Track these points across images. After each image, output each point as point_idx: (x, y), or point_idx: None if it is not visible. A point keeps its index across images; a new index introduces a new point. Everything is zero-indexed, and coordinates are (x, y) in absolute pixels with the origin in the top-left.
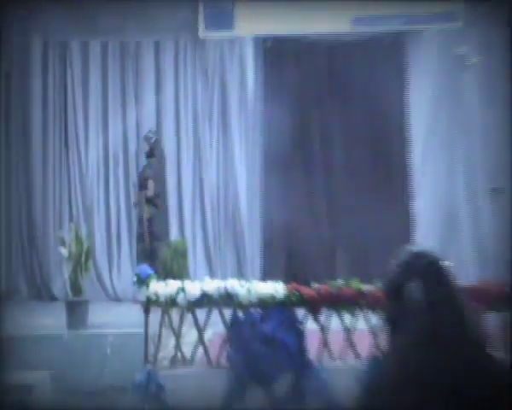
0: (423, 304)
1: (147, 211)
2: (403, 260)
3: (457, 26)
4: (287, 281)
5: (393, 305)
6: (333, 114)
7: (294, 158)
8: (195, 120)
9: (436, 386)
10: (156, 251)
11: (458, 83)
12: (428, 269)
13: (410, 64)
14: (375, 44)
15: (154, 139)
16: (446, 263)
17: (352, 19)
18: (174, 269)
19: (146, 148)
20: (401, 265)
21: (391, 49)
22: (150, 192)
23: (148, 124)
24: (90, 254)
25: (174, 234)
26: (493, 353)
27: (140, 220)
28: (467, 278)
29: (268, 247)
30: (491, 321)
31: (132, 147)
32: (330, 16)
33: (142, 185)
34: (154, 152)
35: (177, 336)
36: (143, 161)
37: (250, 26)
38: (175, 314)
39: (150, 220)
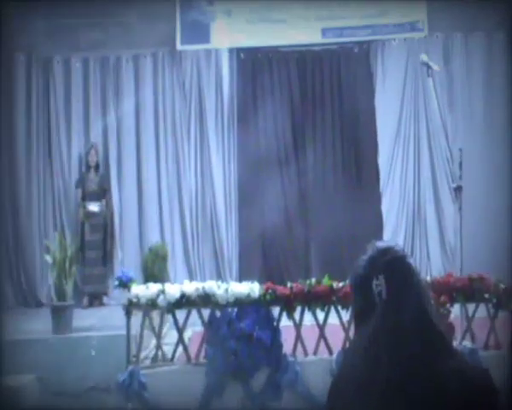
0: (386, 298)
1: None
2: (368, 256)
3: (421, 36)
4: (263, 281)
5: (359, 299)
6: (305, 120)
7: (269, 163)
8: (174, 130)
9: (396, 379)
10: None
11: (422, 89)
12: (392, 264)
13: (377, 71)
14: (344, 54)
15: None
16: (410, 258)
17: (321, 30)
18: (155, 272)
19: (93, 160)
20: (367, 260)
21: (359, 57)
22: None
23: (129, 134)
24: (73, 260)
25: (154, 238)
26: (456, 345)
27: (104, 227)
28: (432, 271)
29: (245, 249)
30: (456, 313)
31: (113, 156)
32: (301, 28)
33: (100, 195)
34: (99, 165)
35: (158, 336)
36: (92, 173)
37: (225, 39)
38: (156, 316)
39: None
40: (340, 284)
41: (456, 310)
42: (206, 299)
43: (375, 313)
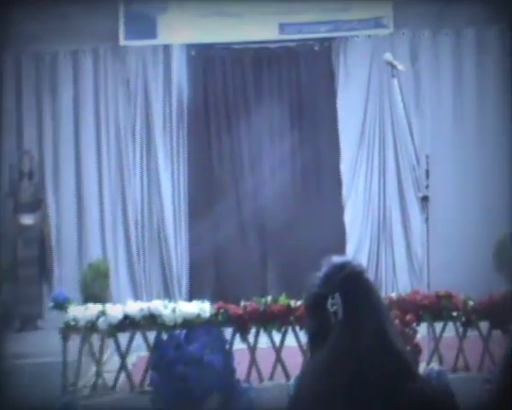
0: (343, 318)
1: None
2: (323, 273)
3: (386, 33)
4: (216, 300)
5: (314, 320)
6: (261, 124)
7: (222, 172)
8: (117, 134)
9: (355, 404)
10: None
11: (388, 89)
12: (348, 281)
13: (339, 71)
14: (304, 52)
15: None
16: (369, 274)
17: (279, 26)
18: (95, 291)
19: (27, 167)
20: (321, 277)
21: (319, 55)
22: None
23: (67, 138)
24: (3, 279)
25: (95, 253)
26: (416, 368)
27: (40, 241)
28: (399, 287)
29: (195, 264)
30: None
31: (49, 163)
32: (257, 24)
33: (35, 206)
34: (33, 173)
35: (98, 362)
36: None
37: (175, 34)
38: (96, 340)
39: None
40: (299, 303)
41: (422, 329)
42: (151, 320)
43: (330, 334)
